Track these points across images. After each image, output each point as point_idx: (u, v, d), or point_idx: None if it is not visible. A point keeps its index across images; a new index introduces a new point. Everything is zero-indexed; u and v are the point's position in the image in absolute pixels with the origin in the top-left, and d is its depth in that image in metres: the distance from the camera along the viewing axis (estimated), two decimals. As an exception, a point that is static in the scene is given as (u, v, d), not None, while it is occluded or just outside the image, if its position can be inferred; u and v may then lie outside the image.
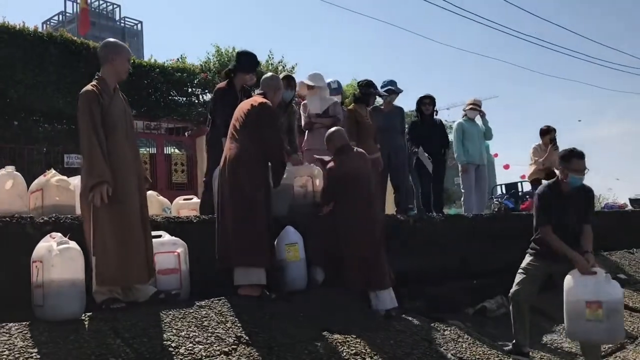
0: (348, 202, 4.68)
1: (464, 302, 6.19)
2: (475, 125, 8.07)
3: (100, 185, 3.54)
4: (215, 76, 12.77)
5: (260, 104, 4.40)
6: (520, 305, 4.81)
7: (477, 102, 8.22)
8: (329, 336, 3.91)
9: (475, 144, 7.92)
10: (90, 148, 3.60)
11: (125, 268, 3.64)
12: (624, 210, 10.95)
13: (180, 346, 3.35)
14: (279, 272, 4.51)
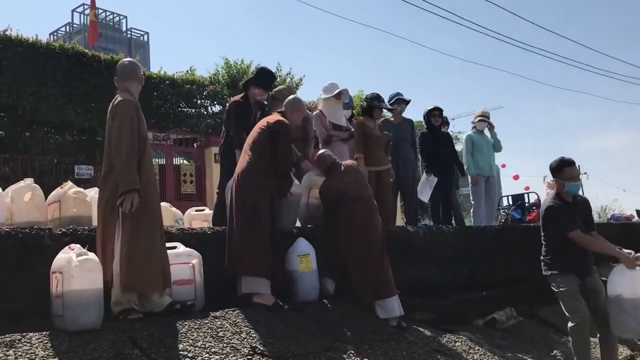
0: (346, 215, 4.73)
1: (473, 314, 6.22)
2: (484, 137, 8.14)
3: (132, 192, 3.63)
4: (224, 88, 12.89)
5: (276, 121, 4.55)
6: (585, 329, 4.49)
7: (486, 114, 8.29)
8: (342, 347, 3.95)
9: (485, 155, 7.98)
10: (127, 155, 3.69)
11: (149, 276, 3.72)
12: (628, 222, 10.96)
13: (197, 356, 3.40)
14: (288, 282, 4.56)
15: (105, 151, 3.89)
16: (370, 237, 4.69)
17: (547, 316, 6.29)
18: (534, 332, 6.08)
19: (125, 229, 3.66)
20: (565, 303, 4.63)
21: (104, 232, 3.74)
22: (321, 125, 6.17)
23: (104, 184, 3.84)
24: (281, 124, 4.54)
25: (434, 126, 7.43)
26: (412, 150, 7.15)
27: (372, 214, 4.87)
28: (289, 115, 4.65)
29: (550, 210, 4.76)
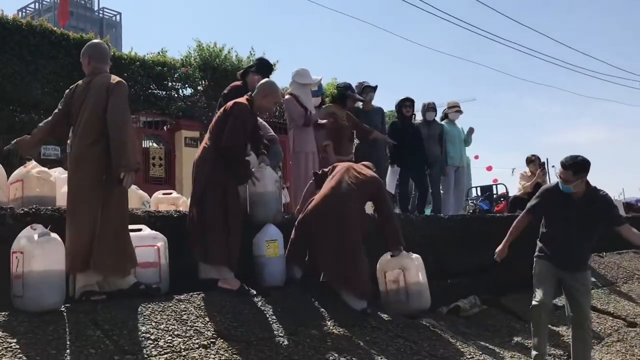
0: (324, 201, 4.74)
1: (437, 302, 6.30)
2: (456, 128, 8.24)
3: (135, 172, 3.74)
4: (196, 71, 12.72)
5: (232, 103, 4.52)
6: (541, 313, 4.62)
7: (458, 104, 8.39)
8: (306, 331, 3.98)
9: (456, 146, 8.09)
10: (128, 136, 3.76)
11: (122, 257, 3.74)
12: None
13: (160, 339, 3.38)
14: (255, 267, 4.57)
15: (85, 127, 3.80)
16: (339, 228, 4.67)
17: (510, 305, 6.41)
18: (496, 320, 6.19)
19: (110, 211, 3.69)
20: (536, 286, 4.72)
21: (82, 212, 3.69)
22: (298, 107, 6.14)
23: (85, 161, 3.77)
24: (235, 105, 4.48)
25: (405, 117, 7.47)
26: None
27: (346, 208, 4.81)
28: (259, 99, 4.59)
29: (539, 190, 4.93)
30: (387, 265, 4.93)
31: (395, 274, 4.85)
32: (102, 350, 3.14)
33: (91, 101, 3.80)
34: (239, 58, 13.14)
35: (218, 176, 4.35)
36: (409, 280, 4.78)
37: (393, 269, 4.88)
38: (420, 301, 4.82)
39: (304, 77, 6.35)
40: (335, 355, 3.75)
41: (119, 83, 3.83)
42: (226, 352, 3.45)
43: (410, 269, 4.81)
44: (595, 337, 5.82)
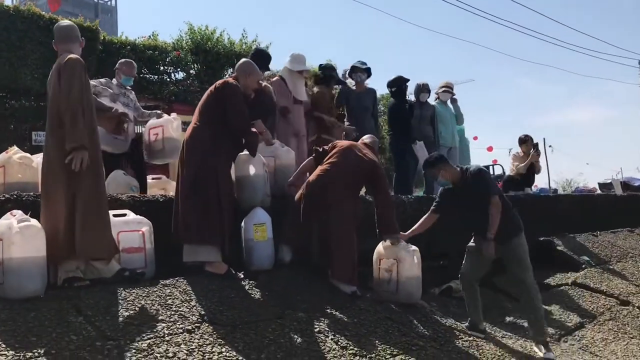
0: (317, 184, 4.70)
1: (429, 283, 6.29)
2: (447, 108, 8.18)
3: (81, 150, 3.54)
4: (188, 54, 12.60)
5: (223, 82, 4.46)
6: (468, 283, 5.00)
7: (450, 85, 8.33)
8: (293, 314, 3.95)
9: (448, 126, 8.04)
10: (76, 112, 3.59)
11: (105, 242, 3.69)
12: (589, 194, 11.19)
13: (143, 324, 3.35)
14: (243, 251, 4.54)
15: (50, 111, 3.76)
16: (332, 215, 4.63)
17: (502, 285, 6.39)
18: (488, 301, 6.16)
19: (84, 194, 3.60)
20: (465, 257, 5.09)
21: (52, 194, 3.63)
22: (283, 93, 6.08)
23: (54, 145, 3.70)
24: (227, 84, 4.43)
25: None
26: (373, 120, 7.11)
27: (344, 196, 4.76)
28: (243, 80, 4.53)
29: None
30: (383, 253, 4.88)
31: (389, 264, 4.79)
32: (84, 337, 3.11)
33: (51, 83, 3.76)
34: (231, 41, 13.03)
35: (210, 156, 4.28)
36: (401, 273, 4.69)
37: (388, 257, 4.82)
38: (410, 295, 4.73)
39: (298, 64, 6.31)
40: (321, 337, 3.73)
41: (68, 60, 3.69)
42: (211, 336, 3.42)
43: (404, 261, 4.72)
44: (588, 315, 5.82)
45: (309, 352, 3.52)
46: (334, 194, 4.66)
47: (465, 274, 5.01)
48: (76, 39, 3.92)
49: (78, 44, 3.93)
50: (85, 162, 3.55)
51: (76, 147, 3.53)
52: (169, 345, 3.21)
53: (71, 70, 3.66)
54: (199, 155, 4.29)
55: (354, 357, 3.60)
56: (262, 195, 4.71)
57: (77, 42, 3.93)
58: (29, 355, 2.84)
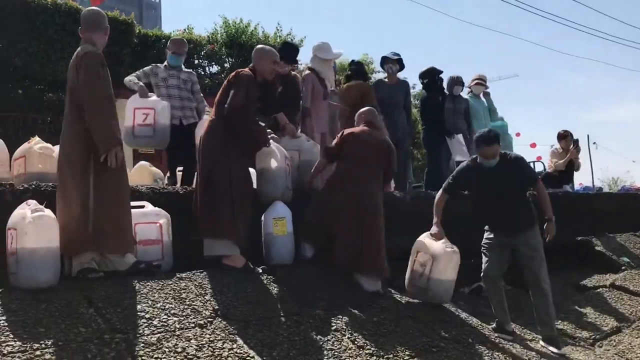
0: (343, 178, 4.60)
1: (459, 281, 6.09)
2: (480, 102, 7.93)
3: (116, 147, 3.57)
4: (223, 48, 12.61)
5: (235, 72, 4.40)
6: (492, 282, 4.79)
7: (483, 77, 8.06)
8: (310, 311, 3.84)
9: (480, 121, 7.77)
10: (107, 110, 3.61)
11: (126, 236, 3.67)
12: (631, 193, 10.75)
13: (154, 318, 3.29)
14: (263, 245, 4.45)
15: (68, 102, 3.74)
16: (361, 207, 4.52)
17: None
18: (521, 302, 5.93)
19: (103, 187, 3.58)
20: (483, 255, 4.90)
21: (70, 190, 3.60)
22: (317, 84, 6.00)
23: (72, 137, 3.69)
24: (238, 74, 4.36)
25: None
26: (405, 113, 6.92)
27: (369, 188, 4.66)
28: (258, 66, 4.47)
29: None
30: (422, 245, 4.69)
31: (425, 258, 4.60)
32: (93, 329, 3.06)
33: (70, 74, 3.74)
34: (266, 34, 12.99)
35: (224, 150, 4.23)
36: (434, 272, 4.51)
37: (426, 252, 4.63)
38: (438, 297, 4.55)
39: (326, 52, 6.19)
40: (338, 336, 3.61)
41: (86, 54, 3.66)
42: (222, 331, 3.34)
43: (440, 261, 4.53)
44: (626, 319, 5.55)
45: (323, 351, 3.41)
46: (361, 189, 4.57)
47: (487, 272, 4.80)
48: (100, 28, 3.83)
49: (102, 33, 3.83)
50: (121, 157, 3.58)
51: (112, 145, 3.55)
52: (178, 340, 3.15)
53: (91, 66, 3.64)
54: (213, 148, 4.25)
55: (370, 357, 3.47)
56: (282, 188, 4.60)
57: (100, 30, 3.82)
58: (35, 347, 2.81)
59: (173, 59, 5.68)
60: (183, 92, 5.67)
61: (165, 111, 5.21)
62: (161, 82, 5.59)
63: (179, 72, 5.71)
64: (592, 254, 7.06)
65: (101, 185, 3.57)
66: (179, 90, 5.65)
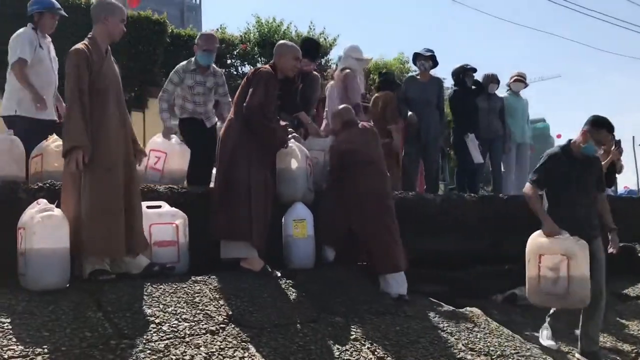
0: (351, 177, 4.40)
1: (493, 288, 5.83)
2: (519, 100, 7.59)
3: (75, 150, 3.36)
4: (255, 47, 12.51)
5: (254, 70, 4.31)
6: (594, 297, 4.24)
7: (522, 75, 7.72)
8: (328, 318, 3.67)
9: (518, 120, 7.46)
10: (70, 110, 3.44)
11: (111, 240, 3.47)
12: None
13: (164, 323, 3.17)
14: (283, 248, 4.30)
15: None
16: (371, 203, 4.34)
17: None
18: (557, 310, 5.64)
19: (85, 190, 3.43)
20: None
21: (67, 191, 3.50)
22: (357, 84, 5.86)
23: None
24: (257, 71, 4.26)
25: (466, 86, 6.95)
26: (437, 113, 6.65)
27: (380, 178, 4.50)
28: (279, 63, 4.32)
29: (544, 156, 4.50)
30: (546, 247, 4.28)
31: (555, 261, 4.19)
32: (99, 334, 2.95)
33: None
34: (299, 33, 12.82)
35: (243, 150, 4.10)
36: (573, 272, 4.10)
37: (554, 253, 4.21)
38: (581, 300, 4.18)
39: (360, 53, 6.06)
40: (357, 346, 3.42)
41: (68, 54, 3.53)
42: (235, 339, 3.19)
43: (576, 257, 4.11)
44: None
45: (340, 362, 3.21)
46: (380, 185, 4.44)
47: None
48: (97, 19, 3.66)
49: (101, 23, 3.65)
50: (80, 162, 3.37)
51: (69, 148, 3.38)
52: (187, 346, 3.01)
53: (68, 64, 3.51)
54: (231, 148, 4.13)
55: (390, 369, 3.27)
56: (303, 189, 4.43)
57: (99, 21, 3.65)
58: (37, 351, 2.72)
59: (204, 58, 5.24)
60: (208, 97, 5.45)
61: (176, 156, 4.93)
62: (187, 90, 5.30)
63: (205, 78, 5.32)
64: (636, 261, 6.67)
65: (87, 190, 3.43)
66: (204, 96, 5.37)
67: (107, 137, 3.52)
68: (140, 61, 10.72)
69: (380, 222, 4.33)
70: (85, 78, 3.47)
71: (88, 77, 3.51)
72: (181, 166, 4.91)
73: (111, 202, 3.47)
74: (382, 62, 14.20)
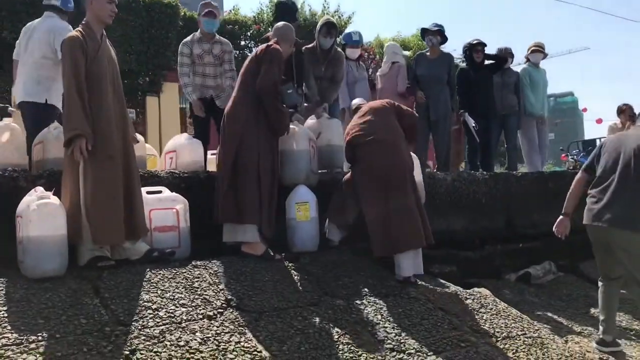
0: (357, 158, 4.31)
1: (506, 268, 5.74)
2: (540, 72, 7.36)
3: (78, 138, 3.34)
4: (269, 28, 12.40)
5: (265, 47, 4.18)
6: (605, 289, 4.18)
7: (541, 45, 7.48)
8: (330, 301, 3.63)
9: (539, 93, 7.24)
10: (69, 98, 3.40)
11: (113, 227, 3.47)
12: None
13: (161, 308, 3.16)
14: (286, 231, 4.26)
15: None
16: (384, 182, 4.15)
17: (590, 272, 5.70)
18: (572, 289, 5.55)
19: (87, 177, 3.40)
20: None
21: (67, 179, 3.50)
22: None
23: None
24: (269, 48, 4.14)
25: (475, 62, 6.72)
26: (447, 89, 6.49)
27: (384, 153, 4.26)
28: (285, 45, 4.26)
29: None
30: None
31: None
32: (95, 320, 2.96)
33: None
34: (313, 12, 12.66)
35: (251, 130, 4.04)
36: None
37: None
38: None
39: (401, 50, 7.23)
40: (357, 328, 3.38)
41: (64, 40, 3.51)
42: (232, 323, 3.17)
43: None
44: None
45: (339, 345, 3.17)
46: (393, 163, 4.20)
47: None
48: (86, 3, 3.62)
49: (89, 7, 3.61)
50: (85, 150, 3.35)
51: (72, 137, 3.35)
52: (183, 332, 3.00)
53: (63, 52, 3.52)
54: (239, 129, 4.04)
55: (390, 352, 3.22)
56: (306, 172, 4.37)
57: (87, 6, 3.62)
58: (31, 339, 2.73)
59: (208, 24, 5.33)
60: (218, 69, 5.42)
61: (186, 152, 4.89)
62: (197, 59, 5.33)
63: (212, 46, 5.38)
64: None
65: (87, 176, 3.41)
66: (214, 67, 5.39)
67: (108, 123, 3.51)
68: (154, 45, 10.73)
69: (380, 200, 4.12)
70: (82, 64, 3.44)
71: (84, 64, 3.47)
72: (194, 160, 4.85)
73: (113, 189, 3.47)
74: (399, 39, 13.93)
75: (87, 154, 3.36)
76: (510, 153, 7.33)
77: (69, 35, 3.52)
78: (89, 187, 3.39)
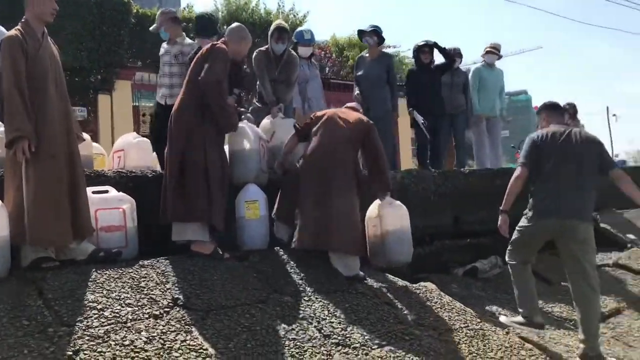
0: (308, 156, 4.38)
1: (453, 263, 5.89)
2: (493, 72, 7.57)
3: (21, 140, 3.30)
4: (224, 26, 12.36)
5: (209, 47, 4.16)
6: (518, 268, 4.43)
7: (496, 46, 7.69)
8: (278, 298, 3.68)
9: (489, 93, 7.44)
10: (9, 98, 3.35)
11: (57, 228, 3.43)
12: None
13: (107, 308, 3.15)
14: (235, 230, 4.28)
15: None
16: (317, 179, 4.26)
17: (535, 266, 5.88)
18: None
19: (29, 178, 3.36)
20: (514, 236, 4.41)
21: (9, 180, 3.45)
22: None
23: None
24: (213, 48, 4.15)
25: (423, 63, 6.87)
26: (387, 89, 6.57)
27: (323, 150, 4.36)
28: (234, 46, 4.24)
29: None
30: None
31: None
32: (38, 322, 2.94)
33: None
34: (267, 11, 12.71)
35: (197, 130, 4.05)
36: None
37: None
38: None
39: None
40: (304, 324, 3.44)
41: (3, 39, 3.46)
42: (178, 322, 3.19)
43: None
44: (628, 300, 5.29)
45: (285, 341, 3.23)
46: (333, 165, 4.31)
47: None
48: (26, 2, 3.55)
49: (28, 5, 3.55)
50: (27, 151, 3.30)
51: (14, 138, 3.30)
52: (128, 331, 3.01)
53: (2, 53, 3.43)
54: (185, 128, 4.05)
55: (335, 346, 3.29)
56: (256, 171, 4.41)
57: (28, 5, 3.55)
58: (-30, 343, 2.69)
59: (163, 34, 5.64)
60: (174, 68, 5.46)
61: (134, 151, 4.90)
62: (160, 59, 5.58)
63: (171, 47, 5.50)
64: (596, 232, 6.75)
65: (28, 177, 3.36)
66: (170, 66, 5.48)
67: (51, 122, 3.46)
68: (106, 42, 10.58)
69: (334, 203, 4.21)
70: (21, 63, 3.39)
71: (24, 63, 3.42)
72: (142, 159, 4.86)
73: (56, 189, 3.43)
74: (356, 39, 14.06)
75: (30, 155, 3.31)
76: (458, 151, 7.51)
77: (8, 35, 3.47)
78: (31, 188, 3.34)
